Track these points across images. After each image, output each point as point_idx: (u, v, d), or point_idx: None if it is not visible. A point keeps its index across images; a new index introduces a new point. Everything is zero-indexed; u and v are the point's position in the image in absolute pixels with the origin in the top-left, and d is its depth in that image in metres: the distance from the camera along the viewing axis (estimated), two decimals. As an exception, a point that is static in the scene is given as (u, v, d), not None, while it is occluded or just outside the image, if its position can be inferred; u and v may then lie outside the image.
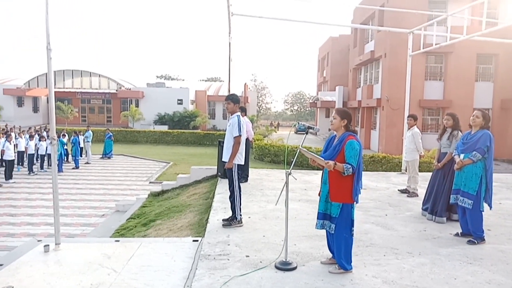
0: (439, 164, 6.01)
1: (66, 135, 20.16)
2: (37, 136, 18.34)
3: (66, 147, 19.06)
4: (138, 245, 4.94)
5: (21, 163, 17.33)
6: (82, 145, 20.35)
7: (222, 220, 5.59)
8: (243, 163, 5.82)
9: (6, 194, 12.92)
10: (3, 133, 18.09)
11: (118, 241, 5.25)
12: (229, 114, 5.82)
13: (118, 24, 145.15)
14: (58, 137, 15.54)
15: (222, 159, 5.85)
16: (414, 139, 7.60)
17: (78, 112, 41.75)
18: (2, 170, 14.81)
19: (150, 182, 15.51)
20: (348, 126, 3.97)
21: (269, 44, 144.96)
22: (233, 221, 5.47)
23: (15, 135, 18.32)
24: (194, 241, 5.07)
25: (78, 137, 19.70)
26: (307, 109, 76.94)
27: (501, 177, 9.90)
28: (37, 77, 41.28)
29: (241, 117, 5.69)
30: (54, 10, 4.50)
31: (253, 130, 10.53)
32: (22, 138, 17.29)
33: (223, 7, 8.82)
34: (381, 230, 5.47)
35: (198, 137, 31.14)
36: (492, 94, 25.89)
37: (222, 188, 7.68)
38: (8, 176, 14.82)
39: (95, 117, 44.03)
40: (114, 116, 43.19)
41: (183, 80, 67.28)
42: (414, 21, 15.86)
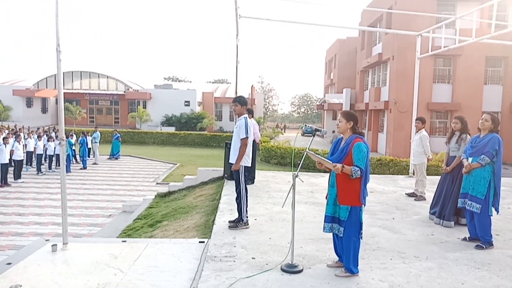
0: (448, 167, 5.96)
1: (74, 136, 20.32)
2: (45, 136, 18.51)
3: (74, 148, 19.21)
4: (144, 245, 4.96)
5: (29, 163, 17.50)
6: (89, 145, 20.49)
7: (229, 221, 5.60)
8: (250, 165, 5.83)
9: (15, 193, 13.05)
10: (13, 133, 18.29)
11: (125, 241, 5.28)
12: (236, 116, 5.83)
13: (126, 26, 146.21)
14: (66, 137, 15.65)
15: (229, 161, 5.85)
16: (422, 142, 7.55)
17: (86, 113, 42.06)
18: (11, 170, 14.96)
19: (157, 183, 15.57)
20: (354, 128, 3.96)
21: (276, 46, 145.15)
22: (239, 223, 5.48)
23: (24, 136, 18.52)
24: (200, 242, 5.08)
25: (86, 137, 19.84)
26: (314, 111, 76.76)
27: (509, 181, 9.80)
28: (46, 78, 41.75)
29: (248, 119, 5.69)
30: (63, 12, 4.54)
31: (260, 132, 10.53)
32: (31, 138, 17.45)
33: (231, 10, 8.85)
34: (388, 233, 5.44)
35: (205, 138, 31.22)
36: (501, 97, 25.67)
37: (229, 189, 7.69)
38: (17, 176, 14.97)
39: (103, 118, 44.32)
40: (121, 117, 43.45)
41: (190, 81, 67.46)
42: (422, 23, 15.80)
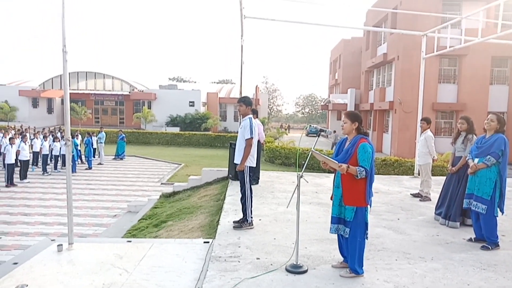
0: (454, 168, 5.94)
1: (80, 136, 20.41)
2: (51, 137, 18.62)
3: (79, 148, 19.29)
4: (149, 245, 4.98)
5: (35, 164, 17.60)
6: (95, 146, 20.58)
7: (233, 222, 5.60)
8: (255, 166, 5.83)
9: (21, 193, 13.14)
10: (19, 133, 18.42)
11: (130, 241, 5.30)
12: (241, 116, 5.84)
13: (132, 27, 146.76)
14: (72, 138, 15.75)
15: (234, 161, 5.86)
16: (427, 143, 7.52)
17: (92, 113, 42.25)
18: (17, 170, 15.06)
19: (161, 183, 15.61)
20: (359, 128, 3.95)
21: (280, 46, 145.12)
22: (244, 223, 5.48)
23: (30, 136, 18.63)
24: (205, 242, 5.09)
25: (91, 138, 19.93)
26: (319, 111, 76.64)
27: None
28: (51, 78, 41.97)
29: (253, 119, 5.69)
30: (69, 12, 4.56)
31: (264, 133, 10.54)
32: (37, 138, 17.55)
33: (235, 10, 8.86)
34: (393, 234, 5.43)
35: (209, 139, 31.26)
36: (507, 97, 25.51)
37: (233, 190, 7.70)
38: (23, 176, 15.07)
39: (108, 118, 44.50)
40: (126, 117, 43.61)
41: (195, 82, 67.62)
42: (427, 23, 15.73)
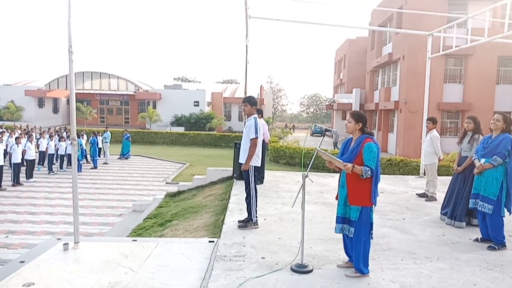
0: (460, 168, 5.91)
1: (85, 136, 20.51)
2: (56, 136, 18.72)
3: (84, 148, 19.37)
4: (155, 245, 4.99)
5: (41, 163, 17.71)
6: (100, 145, 20.67)
7: (238, 221, 5.61)
8: (260, 165, 5.83)
9: (27, 193, 13.22)
10: (25, 133, 18.54)
11: (136, 240, 5.32)
12: (245, 116, 5.84)
13: (137, 27, 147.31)
14: (77, 137, 15.83)
15: (239, 161, 5.86)
16: (433, 143, 7.49)
17: (97, 113, 42.41)
18: (23, 169, 15.16)
19: (166, 183, 15.65)
20: (363, 129, 3.94)
21: (285, 46, 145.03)
22: (248, 222, 5.48)
23: (36, 135, 18.74)
24: (210, 242, 5.10)
25: (96, 137, 20.03)
26: (323, 111, 76.53)
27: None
28: (57, 78, 42.19)
29: (258, 119, 5.69)
30: (75, 12, 4.59)
31: (269, 132, 10.54)
32: (44, 138, 17.65)
33: (240, 10, 8.87)
34: (398, 234, 5.41)
35: (214, 138, 31.32)
36: (513, 97, 25.33)
37: (238, 189, 7.71)
38: (29, 175, 15.17)
39: (113, 118, 44.68)
40: (132, 117, 43.77)
41: (200, 82, 67.70)
42: (433, 23, 15.67)
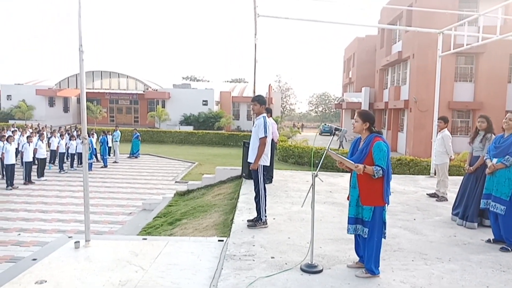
0: (471, 168, 5.84)
1: (95, 135, 20.67)
2: (67, 135, 18.90)
3: (94, 147, 19.52)
4: (164, 243, 5.02)
5: (52, 162, 17.89)
6: (110, 144, 20.82)
7: (247, 220, 5.61)
8: (269, 164, 5.82)
9: (38, 191, 13.37)
10: (36, 132, 18.75)
11: (146, 239, 5.35)
12: (254, 115, 5.83)
13: (146, 26, 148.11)
14: (88, 136, 15.97)
15: (248, 160, 5.86)
16: (444, 142, 7.41)
17: (107, 112, 42.80)
18: (34, 168, 15.34)
19: (175, 182, 15.72)
20: (371, 128, 3.91)
21: (293, 44, 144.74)
22: (258, 222, 5.48)
23: (47, 134, 18.94)
24: (219, 241, 5.11)
25: (106, 136, 20.17)
26: (332, 110, 76.21)
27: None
28: (67, 78, 42.61)
29: (267, 118, 5.68)
30: (85, 12, 4.62)
31: (277, 131, 10.51)
32: (55, 137, 17.84)
33: (249, 9, 8.85)
34: (409, 234, 5.36)
35: (223, 137, 31.37)
36: (526, 96, 24.97)
37: (247, 188, 7.70)
38: (40, 173, 15.33)
39: (123, 117, 45.00)
40: (141, 116, 44.06)
41: (208, 81, 67.90)
42: (443, 21, 15.47)
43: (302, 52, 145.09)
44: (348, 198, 4.06)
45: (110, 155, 20.78)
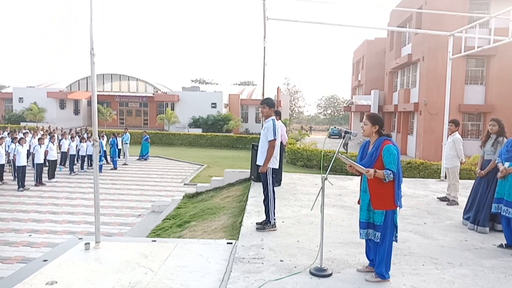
0: (483, 171, 5.77)
1: (105, 137, 20.85)
2: (77, 137, 19.08)
3: (104, 149, 19.68)
4: (174, 245, 5.03)
5: (63, 163, 18.08)
6: (120, 146, 20.98)
7: (256, 223, 5.60)
8: (277, 167, 5.82)
9: (49, 192, 13.51)
10: (47, 134, 18.97)
11: (155, 241, 5.37)
12: (263, 118, 5.83)
13: (155, 29, 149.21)
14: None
15: (256, 163, 5.86)
16: (455, 146, 7.34)
17: (117, 114, 43.16)
18: (45, 169, 15.50)
19: (184, 184, 15.77)
20: (380, 131, 3.88)
21: (302, 47, 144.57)
22: (267, 225, 5.47)
23: (58, 136, 19.14)
24: (228, 243, 5.11)
25: (116, 139, 20.33)
26: (341, 113, 75.95)
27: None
28: (78, 80, 43.04)
29: (276, 121, 5.68)
30: (96, 16, 4.66)
31: (287, 134, 10.50)
32: (66, 139, 18.02)
33: (257, 12, 8.87)
34: (419, 238, 5.31)
35: (231, 140, 31.43)
36: (538, 98, 24.60)
37: (255, 191, 7.70)
38: (51, 175, 15.50)
39: (133, 119, 45.33)
40: (150, 119, 44.36)
41: (217, 84, 68.13)
42: (454, 23, 15.36)
43: (310, 54, 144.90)
44: (358, 202, 4.03)
45: (119, 157, 20.93)
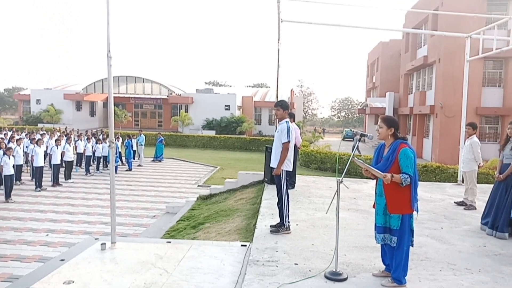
0: (501, 176, 5.65)
1: (120, 138, 21.10)
2: (93, 139, 19.34)
3: (119, 150, 19.91)
4: (188, 247, 5.05)
5: (79, 164, 18.35)
6: (134, 148, 21.19)
7: (270, 226, 5.59)
8: (291, 170, 5.80)
9: (65, 193, 13.72)
10: (64, 135, 19.27)
11: (170, 242, 5.39)
12: (277, 120, 5.82)
13: (170, 32, 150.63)
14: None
15: (270, 165, 5.85)
16: (472, 149, 7.21)
17: (132, 116, 43.65)
18: (62, 170, 15.75)
19: (198, 186, 15.84)
20: (395, 134, 3.83)
21: (316, 49, 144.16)
22: (281, 227, 5.46)
23: (74, 138, 19.44)
24: (242, 245, 5.11)
25: (131, 140, 20.55)
26: (355, 115, 75.41)
27: None
28: (94, 83, 43.66)
29: (290, 123, 5.67)
30: (113, 19, 4.74)
31: (300, 136, 10.47)
32: (81, 140, 18.30)
33: (271, 14, 8.88)
34: (436, 243, 5.23)
35: (244, 142, 31.48)
36: (558, 101, 24.06)
37: (269, 194, 7.69)
38: (67, 176, 15.74)
39: (147, 121, 45.81)
40: (165, 120, 44.77)
41: (231, 86, 68.44)
42: (471, 24, 15.11)
43: (324, 56, 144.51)
44: (373, 206, 3.99)
45: (134, 159, 21.14)
